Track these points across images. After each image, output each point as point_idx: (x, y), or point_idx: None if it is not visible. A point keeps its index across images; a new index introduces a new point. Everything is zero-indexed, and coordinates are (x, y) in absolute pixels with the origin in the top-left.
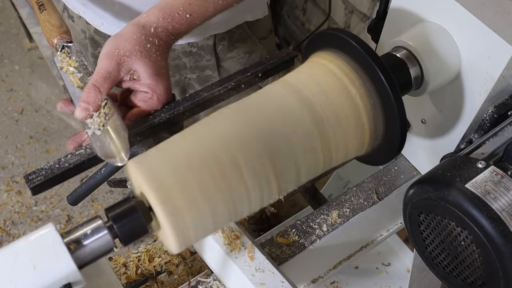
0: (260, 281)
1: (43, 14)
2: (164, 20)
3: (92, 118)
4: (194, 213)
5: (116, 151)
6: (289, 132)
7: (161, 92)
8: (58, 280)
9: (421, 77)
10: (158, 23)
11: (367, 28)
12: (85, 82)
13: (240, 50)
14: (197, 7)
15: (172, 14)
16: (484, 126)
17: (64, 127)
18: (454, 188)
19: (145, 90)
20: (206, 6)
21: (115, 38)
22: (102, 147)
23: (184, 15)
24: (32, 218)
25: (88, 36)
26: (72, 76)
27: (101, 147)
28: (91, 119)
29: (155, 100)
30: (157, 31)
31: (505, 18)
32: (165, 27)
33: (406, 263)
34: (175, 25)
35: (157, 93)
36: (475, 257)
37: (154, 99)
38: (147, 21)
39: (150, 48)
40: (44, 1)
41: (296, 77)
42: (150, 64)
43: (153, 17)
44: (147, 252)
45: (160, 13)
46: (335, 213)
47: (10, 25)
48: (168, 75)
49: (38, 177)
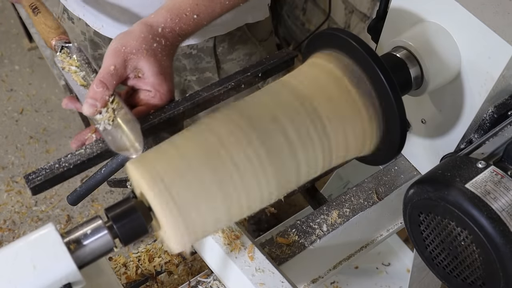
0: (260, 281)
1: (38, 17)
2: (171, 21)
3: (101, 114)
4: (194, 213)
5: (129, 143)
6: (289, 132)
7: (164, 92)
8: (58, 280)
9: (421, 77)
10: (165, 24)
11: (367, 28)
12: (88, 80)
13: (240, 52)
14: (204, 7)
15: (179, 15)
16: (484, 126)
17: (64, 127)
18: (454, 188)
19: (149, 88)
20: (213, 7)
21: (123, 35)
22: (115, 141)
23: (192, 16)
24: (32, 218)
25: (88, 37)
26: (75, 75)
27: (113, 140)
28: (100, 115)
29: (157, 99)
30: (164, 31)
31: (505, 18)
32: (173, 28)
33: (406, 263)
34: (182, 26)
35: (160, 92)
36: (475, 257)
37: (156, 98)
38: (155, 21)
39: (157, 47)
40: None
41: (296, 77)
42: (155, 63)
43: (161, 18)
44: (147, 252)
45: (168, 14)
46: (335, 213)
47: (10, 25)
48: (172, 76)
49: (38, 177)
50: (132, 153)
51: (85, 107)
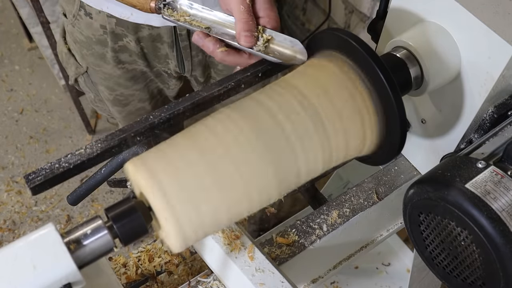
0: (260, 281)
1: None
2: None
3: (257, 43)
4: (194, 213)
5: (291, 55)
6: (289, 132)
7: (274, 17)
8: (58, 280)
9: (421, 77)
10: None
11: (367, 28)
12: (211, 20)
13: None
14: None
15: None
16: (484, 126)
17: (64, 127)
18: (454, 188)
19: (261, 15)
20: None
21: None
22: (280, 57)
23: None
24: (32, 218)
25: (109, 30)
26: (195, 22)
27: (278, 56)
28: (257, 46)
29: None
30: None
31: (505, 18)
32: None
33: (406, 263)
34: None
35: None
36: (475, 257)
37: (270, 24)
38: None
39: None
40: None
41: (296, 77)
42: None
43: None
44: (147, 252)
45: None
46: (335, 213)
47: (10, 25)
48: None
49: (38, 177)
50: (298, 61)
51: (243, 40)
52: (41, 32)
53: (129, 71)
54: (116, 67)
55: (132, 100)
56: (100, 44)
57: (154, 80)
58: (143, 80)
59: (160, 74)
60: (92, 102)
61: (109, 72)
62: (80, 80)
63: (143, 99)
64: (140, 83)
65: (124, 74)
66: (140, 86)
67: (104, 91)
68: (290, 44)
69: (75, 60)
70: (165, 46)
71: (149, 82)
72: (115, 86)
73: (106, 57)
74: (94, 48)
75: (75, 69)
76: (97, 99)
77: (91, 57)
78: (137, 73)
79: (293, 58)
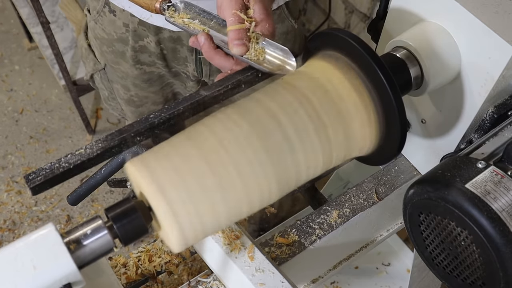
0: (260, 281)
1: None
2: None
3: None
4: (194, 213)
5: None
6: (290, 132)
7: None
8: (58, 280)
9: (421, 77)
10: None
11: (367, 28)
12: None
13: (277, 31)
14: None
15: None
16: (484, 126)
17: (64, 127)
18: (454, 188)
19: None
20: None
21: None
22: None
23: None
24: (32, 218)
25: (132, 28)
26: (193, 24)
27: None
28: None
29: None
30: None
31: (505, 18)
32: None
33: (406, 263)
34: None
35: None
36: (475, 257)
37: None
38: None
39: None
40: None
41: (296, 77)
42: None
43: None
44: (147, 252)
45: None
46: (335, 213)
47: (10, 25)
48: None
49: (38, 177)
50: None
51: (235, 49)
52: (41, 32)
53: (146, 73)
54: (134, 66)
55: (146, 102)
56: (121, 42)
57: (170, 83)
58: (159, 84)
59: (178, 74)
60: (105, 100)
61: (127, 71)
62: (96, 76)
63: (156, 102)
64: (155, 86)
65: (141, 75)
66: (156, 89)
67: (120, 90)
68: (281, 53)
69: (94, 56)
70: (185, 49)
71: (164, 86)
72: (131, 86)
73: (125, 55)
74: (114, 45)
75: (93, 65)
76: (111, 97)
77: (111, 54)
78: (154, 76)
79: (282, 68)
